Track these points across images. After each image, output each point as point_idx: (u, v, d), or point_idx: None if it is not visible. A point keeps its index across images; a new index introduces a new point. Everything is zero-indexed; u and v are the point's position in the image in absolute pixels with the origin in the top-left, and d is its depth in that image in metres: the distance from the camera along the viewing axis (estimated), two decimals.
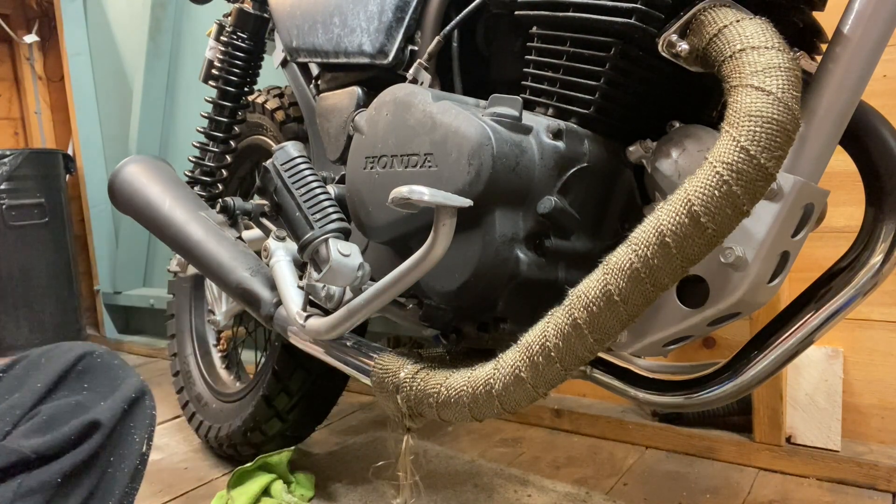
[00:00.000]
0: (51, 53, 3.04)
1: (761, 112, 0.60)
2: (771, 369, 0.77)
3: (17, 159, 2.47)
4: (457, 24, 0.93)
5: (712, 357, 1.45)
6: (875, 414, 1.31)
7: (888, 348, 1.28)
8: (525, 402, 0.70)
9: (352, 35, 1.05)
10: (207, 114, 1.42)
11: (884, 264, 0.76)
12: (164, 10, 2.43)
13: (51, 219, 2.57)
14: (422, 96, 0.81)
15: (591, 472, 1.38)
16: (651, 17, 0.72)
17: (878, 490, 1.23)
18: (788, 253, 0.72)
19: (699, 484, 1.30)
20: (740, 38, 0.65)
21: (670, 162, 0.75)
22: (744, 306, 0.72)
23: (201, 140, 1.42)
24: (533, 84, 0.83)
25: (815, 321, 0.76)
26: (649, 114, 0.81)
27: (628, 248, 0.63)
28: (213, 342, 1.67)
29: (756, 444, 1.34)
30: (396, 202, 0.68)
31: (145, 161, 1.25)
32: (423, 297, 0.86)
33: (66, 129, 3.03)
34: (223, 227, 1.13)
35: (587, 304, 0.64)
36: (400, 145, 0.82)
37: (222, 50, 1.38)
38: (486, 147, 0.72)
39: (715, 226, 0.60)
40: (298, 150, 0.95)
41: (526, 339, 0.69)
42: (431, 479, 1.35)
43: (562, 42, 0.79)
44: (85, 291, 2.88)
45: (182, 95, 2.53)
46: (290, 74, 1.26)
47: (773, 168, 0.60)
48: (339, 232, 0.88)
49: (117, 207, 1.24)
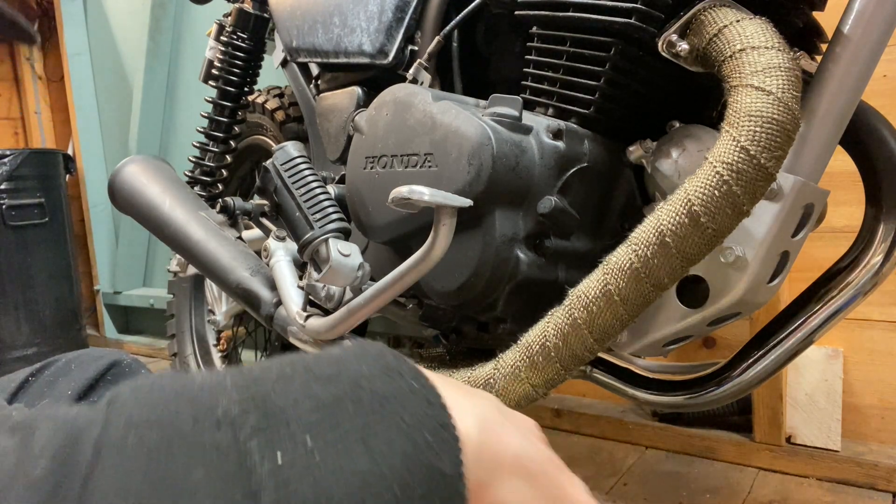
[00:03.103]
0: (51, 53, 3.04)
1: (761, 112, 0.60)
2: (771, 369, 0.77)
3: (17, 159, 2.47)
4: (457, 24, 0.93)
5: (712, 357, 1.45)
6: (875, 414, 1.31)
7: (888, 348, 1.28)
8: (525, 403, 0.70)
9: (352, 35, 1.05)
10: (207, 114, 1.42)
11: (884, 264, 0.76)
12: (164, 10, 2.43)
13: (51, 219, 2.57)
14: (422, 96, 0.81)
15: (591, 472, 1.38)
16: (651, 17, 0.72)
17: (878, 490, 1.23)
18: (788, 253, 0.72)
19: (699, 484, 1.30)
20: (740, 38, 0.65)
21: (670, 162, 0.75)
22: (744, 306, 0.72)
23: (201, 140, 1.42)
24: (533, 84, 0.83)
25: (815, 321, 0.76)
26: (649, 114, 0.81)
27: (628, 248, 0.63)
28: (213, 342, 1.66)
29: (756, 444, 1.34)
30: (396, 202, 0.68)
31: (145, 161, 1.25)
32: (423, 297, 0.86)
33: (66, 129, 3.03)
34: (223, 227, 1.13)
35: (587, 304, 0.64)
36: (400, 145, 0.82)
37: (222, 50, 1.38)
38: (486, 147, 0.72)
39: (715, 226, 0.60)
40: (298, 150, 0.95)
41: (526, 339, 0.69)
42: None
43: (562, 42, 0.79)
44: (85, 291, 2.88)
45: (182, 95, 2.53)
46: (290, 74, 1.26)
47: (773, 168, 0.60)
48: (339, 232, 0.88)
49: (117, 207, 1.24)
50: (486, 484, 0.29)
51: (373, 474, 0.24)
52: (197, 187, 1.40)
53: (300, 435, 0.24)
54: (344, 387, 0.26)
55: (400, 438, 0.25)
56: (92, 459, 0.22)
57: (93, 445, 0.23)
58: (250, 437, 0.23)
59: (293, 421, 0.24)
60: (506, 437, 0.30)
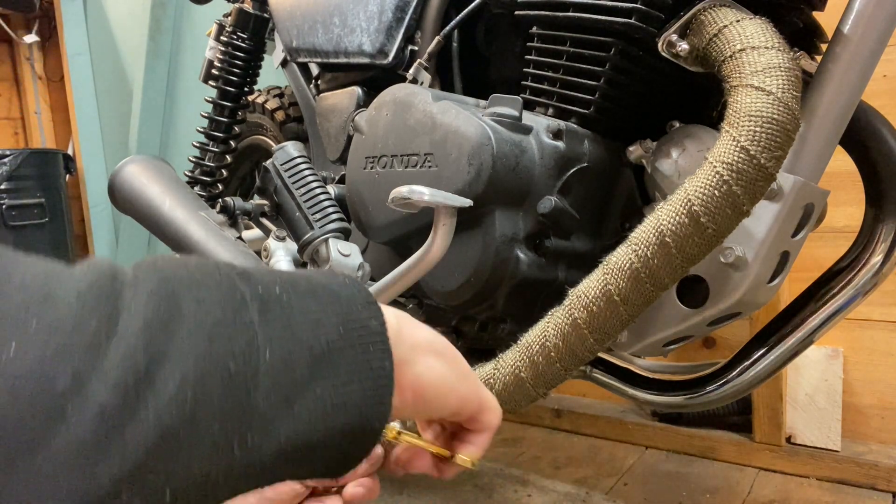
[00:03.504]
0: (51, 53, 3.04)
1: (761, 112, 0.60)
2: (771, 369, 0.77)
3: (17, 159, 2.47)
4: (457, 24, 0.93)
5: (712, 357, 1.45)
6: (875, 414, 1.31)
7: (888, 348, 1.28)
8: (525, 402, 0.70)
9: (352, 35, 1.05)
10: (207, 114, 1.42)
11: (884, 264, 0.76)
12: (164, 10, 2.43)
13: (51, 219, 2.57)
14: (422, 96, 0.81)
15: (591, 472, 1.38)
16: (651, 17, 0.72)
17: (878, 490, 1.23)
18: (788, 253, 0.72)
19: (699, 484, 1.30)
20: (740, 38, 0.65)
21: (670, 162, 0.75)
22: (744, 306, 0.72)
23: (201, 140, 1.42)
24: (533, 84, 0.83)
25: (815, 321, 0.76)
26: (649, 114, 0.81)
27: (628, 248, 0.63)
28: None
29: (756, 444, 1.34)
30: (396, 202, 0.68)
31: (145, 161, 1.25)
32: (423, 297, 0.86)
33: (66, 129, 3.03)
34: (223, 227, 1.13)
35: (587, 304, 0.64)
36: (400, 145, 0.82)
37: (222, 50, 1.38)
38: (486, 147, 0.72)
39: (715, 226, 0.60)
40: (298, 150, 0.95)
41: (526, 339, 0.69)
42: (431, 479, 1.35)
43: (562, 42, 0.79)
44: None
45: (182, 95, 2.53)
46: (290, 74, 1.26)
47: (773, 168, 0.60)
48: (339, 232, 0.88)
49: (117, 207, 1.24)
50: (405, 361, 0.36)
51: (324, 313, 0.33)
52: (197, 187, 1.40)
53: (272, 286, 0.33)
54: (302, 276, 0.35)
55: (338, 305, 0.34)
56: (121, 288, 0.29)
57: (122, 282, 0.29)
58: (238, 278, 0.32)
59: (268, 281, 0.33)
60: (418, 328, 0.39)
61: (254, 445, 0.30)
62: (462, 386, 0.41)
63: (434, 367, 0.39)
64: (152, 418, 0.26)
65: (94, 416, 0.25)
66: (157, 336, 0.27)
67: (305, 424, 0.31)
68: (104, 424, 0.25)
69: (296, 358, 0.31)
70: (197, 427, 0.28)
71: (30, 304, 0.26)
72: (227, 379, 0.29)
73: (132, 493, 0.26)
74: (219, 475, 0.29)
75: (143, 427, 0.26)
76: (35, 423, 0.24)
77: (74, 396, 0.25)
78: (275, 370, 0.30)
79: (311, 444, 0.32)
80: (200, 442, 0.28)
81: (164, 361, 0.27)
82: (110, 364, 0.26)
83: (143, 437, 0.26)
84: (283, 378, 0.30)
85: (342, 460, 0.35)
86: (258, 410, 0.30)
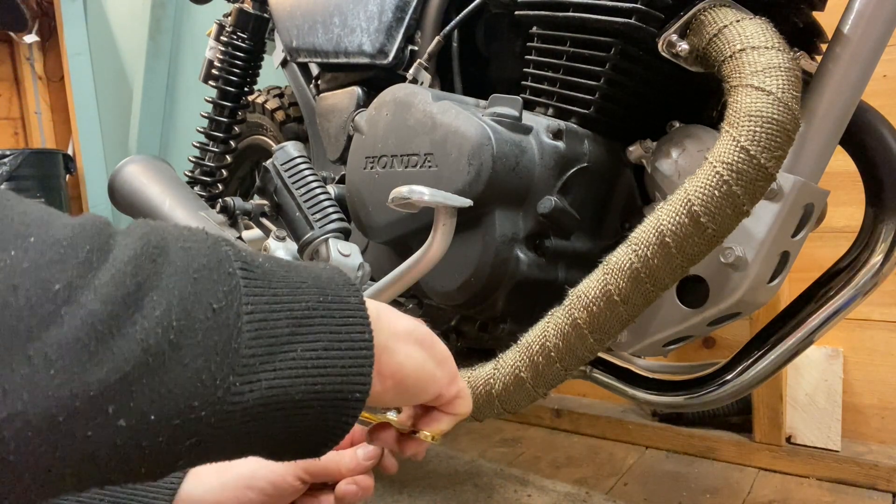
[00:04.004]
0: (51, 53, 3.04)
1: (761, 112, 0.60)
2: (771, 369, 0.77)
3: (17, 159, 2.47)
4: (457, 24, 0.93)
5: (712, 357, 1.45)
6: (875, 414, 1.31)
7: (888, 348, 1.28)
8: (525, 402, 0.70)
9: (352, 35, 1.05)
10: (207, 114, 1.42)
11: (884, 264, 0.76)
12: (164, 10, 2.43)
13: None
14: (422, 96, 0.81)
15: (591, 472, 1.38)
16: (651, 17, 0.72)
17: (878, 490, 1.23)
18: (788, 253, 0.73)
19: (699, 484, 1.30)
20: (740, 38, 0.65)
21: (670, 162, 0.75)
22: (744, 306, 0.72)
23: (201, 140, 1.42)
24: (533, 84, 0.83)
25: (815, 321, 0.76)
26: (649, 114, 0.81)
27: (628, 248, 0.63)
28: None
29: (756, 444, 1.34)
30: (396, 202, 0.68)
31: (145, 161, 1.25)
32: (423, 297, 0.86)
33: (66, 129, 3.03)
34: (223, 227, 1.13)
35: (587, 304, 0.64)
36: (400, 145, 0.82)
37: (222, 50, 1.38)
38: (486, 147, 0.72)
39: (715, 226, 0.60)
40: (298, 150, 0.95)
41: (526, 339, 0.69)
42: (431, 479, 1.35)
43: (562, 42, 0.79)
44: None
45: (182, 95, 2.53)
46: (290, 74, 1.26)
47: (773, 168, 0.60)
48: (339, 232, 0.88)
49: (117, 207, 1.24)
50: (385, 348, 0.37)
51: (304, 284, 0.35)
52: (197, 187, 1.40)
53: (255, 255, 0.34)
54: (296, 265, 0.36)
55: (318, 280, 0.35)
56: (113, 231, 0.30)
57: (114, 229, 0.30)
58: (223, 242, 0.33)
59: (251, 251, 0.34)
60: (397, 317, 0.40)
61: (237, 391, 0.31)
62: (440, 373, 0.42)
63: (414, 356, 0.40)
64: (139, 335, 0.28)
65: (84, 322, 0.27)
66: (145, 267, 0.29)
67: (287, 379, 0.32)
68: (94, 331, 0.27)
69: (276, 315, 0.33)
70: (181, 353, 0.29)
71: (30, 224, 0.27)
72: (210, 317, 0.30)
73: (118, 406, 0.27)
74: (203, 410, 0.30)
75: (130, 342, 0.28)
76: (32, 319, 0.26)
77: (68, 302, 0.27)
78: (256, 321, 0.32)
79: (293, 400, 0.33)
80: (185, 370, 0.29)
81: (150, 290, 0.29)
82: (100, 282, 0.28)
83: (130, 351, 0.27)
84: (264, 331, 0.32)
85: (324, 430, 0.35)
86: (241, 356, 0.31)
